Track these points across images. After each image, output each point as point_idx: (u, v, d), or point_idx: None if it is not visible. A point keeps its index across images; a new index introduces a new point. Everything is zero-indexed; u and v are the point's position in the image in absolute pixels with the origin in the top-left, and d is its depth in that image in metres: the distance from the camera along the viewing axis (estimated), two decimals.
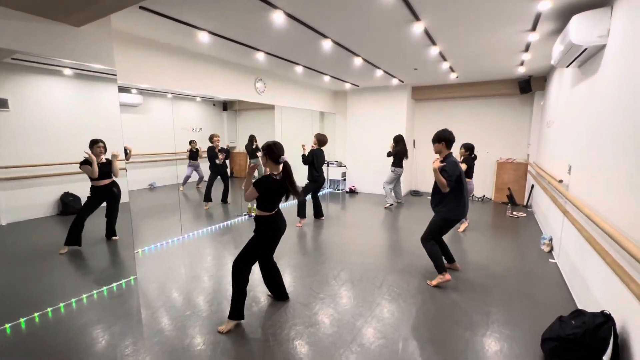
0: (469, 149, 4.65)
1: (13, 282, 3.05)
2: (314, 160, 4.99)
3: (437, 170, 2.93)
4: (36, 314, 2.54)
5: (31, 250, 3.61)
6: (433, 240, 3.12)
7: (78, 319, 2.53)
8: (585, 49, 2.65)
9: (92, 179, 3.45)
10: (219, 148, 5.71)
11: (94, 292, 2.91)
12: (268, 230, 2.48)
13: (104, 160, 3.49)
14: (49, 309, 2.61)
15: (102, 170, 3.49)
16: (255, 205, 2.51)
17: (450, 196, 2.98)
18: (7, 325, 2.40)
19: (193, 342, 2.24)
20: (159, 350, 2.15)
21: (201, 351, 2.14)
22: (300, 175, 5.09)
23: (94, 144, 3.44)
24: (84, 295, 2.84)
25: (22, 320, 2.47)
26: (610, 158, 2.18)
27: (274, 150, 2.44)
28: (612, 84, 2.29)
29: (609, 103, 2.29)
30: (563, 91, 4.05)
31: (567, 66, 3.22)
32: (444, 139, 3.02)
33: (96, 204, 3.61)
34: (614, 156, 2.11)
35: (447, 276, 3.03)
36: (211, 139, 5.74)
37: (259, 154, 2.46)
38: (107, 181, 3.55)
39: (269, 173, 2.47)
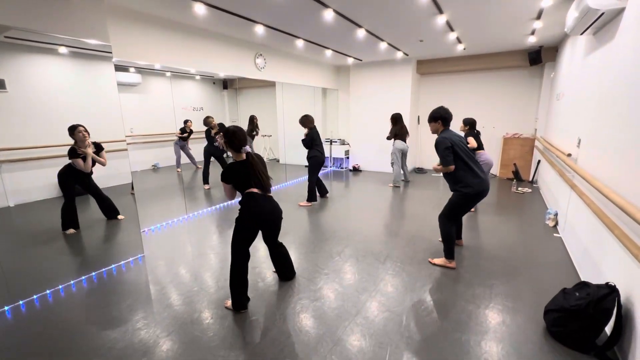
0: (468, 123, 4.35)
1: (24, 261, 3.11)
2: (313, 141, 4.86)
3: (437, 168, 2.91)
4: (48, 291, 2.61)
5: (39, 230, 3.67)
6: (452, 219, 2.94)
7: (89, 295, 2.60)
8: (602, 14, 2.50)
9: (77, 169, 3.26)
10: (217, 130, 5.53)
11: (103, 269, 2.97)
12: (246, 211, 2.26)
13: (91, 146, 3.27)
14: (61, 286, 2.68)
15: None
16: None
17: (459, 172, 2.79)
18: (21, 302, 2.47)
19: (201, 316, 2.30)
20: (169, 323, 2.21)
21: (209, 324, 2.20)
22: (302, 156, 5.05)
23: (74, 129, 3.18)
24: (94, 273, 2.90)
25: (35, 296, 2.54)
26: (624, 130, 2.10)
27: (234, 141, 2.20)
28: (629, 51, 2.17)
29: (625, 72, 2.18)
30: (575, 61, 3.89)
31: (582, 33, 3.06)
32: (439, 117, 2.86)
33: (72, 184, 3.45)
34: (628, 128, 2.03)
35: (453, 264, 2.93)
36: (206, 121, 5.55)
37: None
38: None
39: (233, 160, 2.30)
